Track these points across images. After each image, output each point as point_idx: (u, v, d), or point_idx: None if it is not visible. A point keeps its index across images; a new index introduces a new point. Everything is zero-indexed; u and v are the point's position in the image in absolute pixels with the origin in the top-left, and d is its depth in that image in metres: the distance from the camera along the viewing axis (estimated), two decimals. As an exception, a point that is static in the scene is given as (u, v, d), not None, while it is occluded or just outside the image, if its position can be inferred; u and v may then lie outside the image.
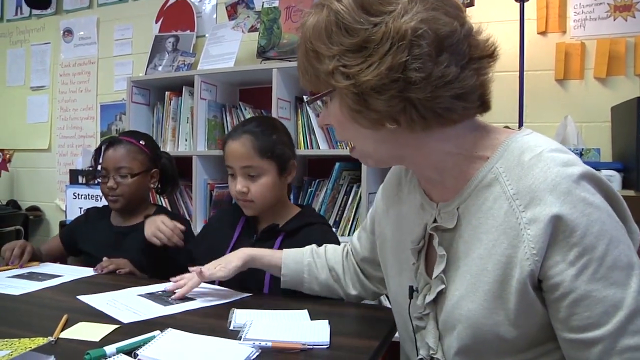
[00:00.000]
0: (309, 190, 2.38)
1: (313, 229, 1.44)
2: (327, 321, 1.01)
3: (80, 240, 1.81)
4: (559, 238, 0.67)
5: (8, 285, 1.32)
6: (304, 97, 2.33)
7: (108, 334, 0.95)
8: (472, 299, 0.74)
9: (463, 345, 0.76)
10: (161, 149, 1.92)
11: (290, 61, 2.34)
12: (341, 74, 0.72)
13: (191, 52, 2.62)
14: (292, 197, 1.87)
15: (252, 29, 2.53)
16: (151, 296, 1.23)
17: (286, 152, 1.47)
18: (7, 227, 3.05)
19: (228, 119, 2.49)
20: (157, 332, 0.92)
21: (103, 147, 1.78)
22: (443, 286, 0.79)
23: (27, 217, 3.26)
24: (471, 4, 2.12)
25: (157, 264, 1.57)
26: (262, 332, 0.94)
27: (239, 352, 0.85)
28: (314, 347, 0.91)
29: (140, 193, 1.79)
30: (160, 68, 2.62)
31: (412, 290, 0.85)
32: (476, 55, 0.73)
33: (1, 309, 1.14)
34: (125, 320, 1.03)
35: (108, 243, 1.72)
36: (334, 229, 1.71)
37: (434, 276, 0.80)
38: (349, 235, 2.24)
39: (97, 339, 0.92)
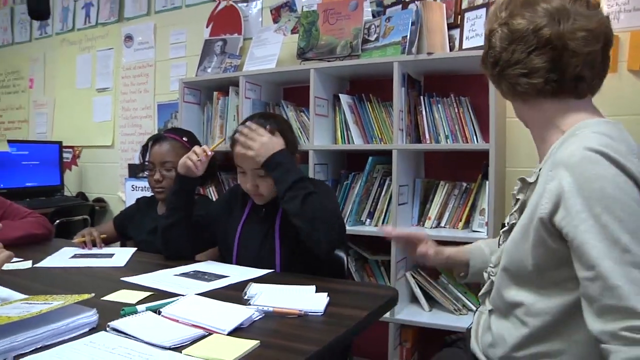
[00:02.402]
0: (345, 183, 2.51)
1: None
2: (326, 294, 1.16)
3: (130, 227, 2.03)
4: (563, 195, 0.85)
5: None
6: (340, 95, 2.47)
7: (143, 298, 1.15)
8: (517, 232, 0.97)
9: (504, 265, 1.00)
10: (210, 145, 2.08)
11: (328, 61, 2.48)
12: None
13: (237, 54, 2.81)
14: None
15: (294, 31, 2.69)
16: (188, 275, 1.42)
17: (289, 144, 1.58)
18: (76, 217, 3.36)
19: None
20: (180, 296, 1.11)
21: (150, 143, 1.95)
22: (514, 221, 1.02)
23: (93, 208, 3.57)
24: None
25: (180, 227, 1.66)
26: (268, 300, 1.11)
27: (243, 313, 1.02)
28: (309, 314, 1.07)
29: None
30: (209, 70, 2.82)
31: (503, 225, 1.10)
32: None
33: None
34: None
35: (153, 230, 1.89)
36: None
37: (506, 222, 1.07)
38: (382, 224, 2.36)
39: (133, 301, 1.11)
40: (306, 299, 1.17)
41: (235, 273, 1.44)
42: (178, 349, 0.89)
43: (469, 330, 1.19)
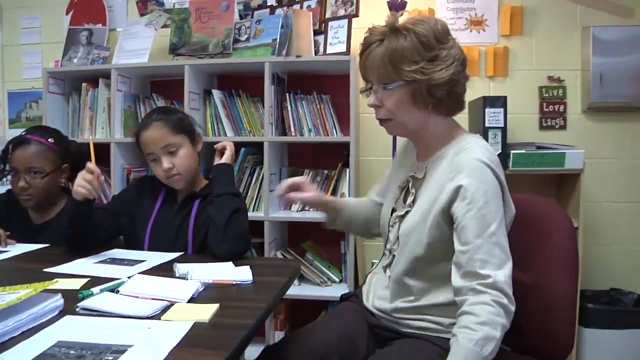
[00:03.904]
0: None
1: None
2: (248, 266, 1.38)
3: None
4: (461, 192, 1.17)
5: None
6: (212, 90, 2.63)
7: (85, 283, 1.25)
8: (416, 214, 1.28)
9: (403, 243, 1.29)
10: (79, 137, 2.00)
11: (200, 58, 2.62)
12: (421, 72, 1.21)
13: (105, 45, 2.81)
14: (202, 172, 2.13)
15: (164, 26, 2.77)
16: (106, 262, 1.51)
17: (191, 125, 1.80)
18: None
19: (142, 108, 2.73)
20: (126, 278, 1.23)
21: (10, 147, 1.80)
22: (409, 209, 1.31)
23: None
24: (356, 15, 2.52)
25: (83, 232, 1.62)
26: (203, 275, 1.30)
27: (191, 286, 1.20)
28: (242, 282, 1.30)
29: (53, 189, 1.87)
30: (75, 60, 2.78)
31: (393, 210, 1.39)
32: (467, 76, 1.31)
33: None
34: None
35: (29, 238, 1.78)
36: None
37: (406, 203, 1.34)
38: (254, 210, 2.59)
39: (78, 287, 1.21)
40: (234, 271, 1.37)
41: (150, 257, 1.55)
42: (154, 317, 1.03)
43: (361, 288, 1.51)
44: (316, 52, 2.57)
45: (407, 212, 1.32)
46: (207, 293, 1.21)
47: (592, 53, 2.62)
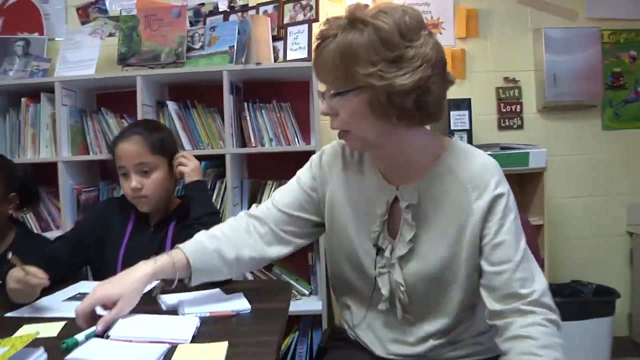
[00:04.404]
0: (177, 189, 2.54)
1: None
2: (242, 293, 1.27)
3: None
4: (492, 208, 1.05)
5: None
6: (167, 102, 2.48)
7: (62, 328, 1.09)
8: (438, 252, 1.09)
9: (422, 286, 1.11)
10: (20, 156, 1.81)
11: (151, 68, 2.47)
12: (379, 77, 0.97)
13: (45, 57, 2.59)
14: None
15: (110, 34, 2.59)
16: (76, 299, 1.32)
17: (174, 146, 1.68)
18: None
19: (89, 124, 2.53)
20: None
21: None
22: (412, 244, 1.11)
23: None
24: (316, 20, 2.46)
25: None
26: (196, 307, 1.17)
27: (189, 323, 1.08)
28: (241, 312, 1.17)
29: None
30: (11, 73, 2.54)
31: (379, 248, 1.15)
32: (449, 80, 1.07)
33: None
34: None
35: None
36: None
37: (407, 239, 1.11)
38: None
39: (54, 334, 1.06)
40: (228, 300, 1.24)
41: None
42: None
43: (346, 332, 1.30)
44: (275, 59, 2.48)
45: (410, 249, 1.12)
46: (208, 328, 1.08)
47: (545, 53, 2.69)
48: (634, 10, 2.76)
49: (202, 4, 2.69)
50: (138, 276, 1.13)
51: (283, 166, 2.67)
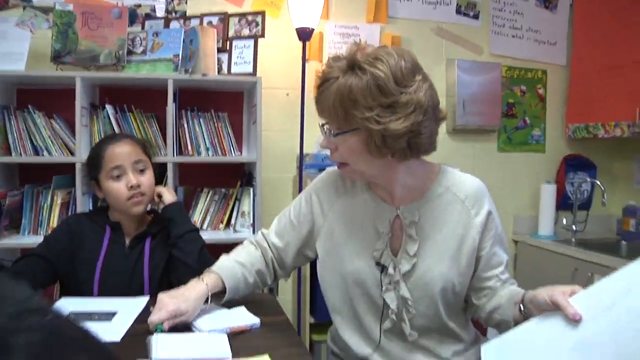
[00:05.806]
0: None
1: None
2: (243, 307, 1.34)
3: None
4: (488, 223, 1.23)
5: None
6: (106, 105, 2.41)
7: None
8: (440, 264, 1.21)
9: (428, 297, 1.22)
10: None
11: (86, 68, 2.38)
12: (375, 121, 1.07)
13: (-40, 47, 2.36)
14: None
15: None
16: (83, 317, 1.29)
17: (154, 153, 1.80)
18: None
19: (12, 122, 2.35)
20: (148, 336, 1.12)
21: None
22: (415, 260, 1.22)
23: None
24: (262, 36, 2.53)
25: None
26: (214, 323, 1.22)
27: (220, 339, 1.14)
28: (253, 327, 1.25)
29: None
30: None
31: (382, 266, 1.23)
32: (440, 117, 1.19)
33: None
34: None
35: None
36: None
37: (411, 253, 1.22)
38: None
39: None
40: (238, 314, 1.30)
41: (117, 305, 1.38)
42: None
43: None
44: (219, 70, 2.52)
45: (414, 265, 1.22)
46: (235, 343, 1.13)
47: (457, 81, 3.03)
48: (527, 51, 3.22)
49: (139, 5, 2.63)
50: (200, 294, 1.25)
51: (216, 174, 2.72)
